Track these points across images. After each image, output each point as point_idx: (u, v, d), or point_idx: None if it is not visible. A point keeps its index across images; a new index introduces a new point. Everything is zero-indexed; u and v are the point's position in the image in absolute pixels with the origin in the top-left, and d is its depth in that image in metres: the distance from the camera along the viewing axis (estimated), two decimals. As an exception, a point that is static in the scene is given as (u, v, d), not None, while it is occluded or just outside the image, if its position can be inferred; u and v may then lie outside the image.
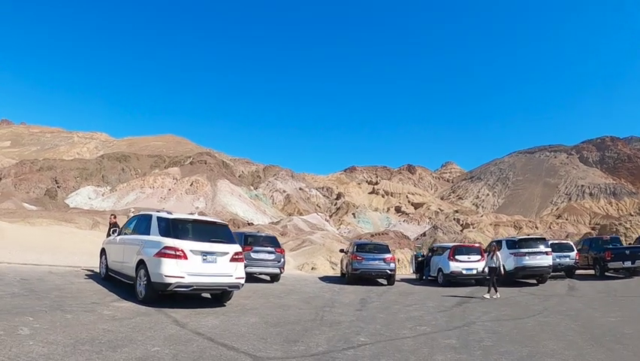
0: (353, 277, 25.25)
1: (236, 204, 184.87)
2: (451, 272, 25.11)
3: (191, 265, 12.30)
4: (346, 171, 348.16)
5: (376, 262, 25.39)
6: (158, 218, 13.62)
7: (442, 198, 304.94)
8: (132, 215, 17.97)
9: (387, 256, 25.86)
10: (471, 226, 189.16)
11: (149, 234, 13.43)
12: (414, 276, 32.02)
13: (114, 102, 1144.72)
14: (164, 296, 12.62)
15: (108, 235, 18.12)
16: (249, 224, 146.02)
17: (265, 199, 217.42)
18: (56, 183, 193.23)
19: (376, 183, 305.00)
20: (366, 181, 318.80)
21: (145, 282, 12.53)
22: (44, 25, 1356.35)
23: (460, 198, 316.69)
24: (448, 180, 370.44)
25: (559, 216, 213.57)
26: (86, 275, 17.44)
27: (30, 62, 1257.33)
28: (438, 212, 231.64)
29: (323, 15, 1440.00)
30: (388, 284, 25.28)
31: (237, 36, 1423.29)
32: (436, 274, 26.60)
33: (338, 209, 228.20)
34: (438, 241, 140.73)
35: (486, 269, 21.14)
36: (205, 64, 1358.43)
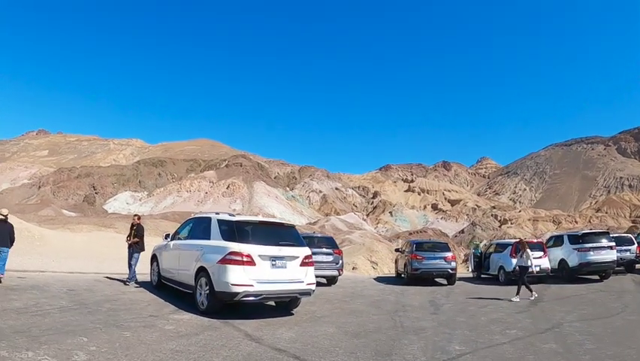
0: (413, 277, 24.00)
1: (273, 206, 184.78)
2: (514, 270, 23.40)
3: (260, 272, 11.17)
4: (381, 170, 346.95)
5: (437, 261, 24.08)
6: (219, 221, 12.44)
7: (478, 195, 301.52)
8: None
9: (448, 254, 24.57)
10: (509, 222, 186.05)
11: (209, 238, 12.27)
12: (470, 274, 30.40)
13: (148, 109, 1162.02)
14: (225, 305, 11.49)
15: (129, 237, 16.81)
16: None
17: (301, 200, 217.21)
18: (94, 189, 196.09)
19: (412, 181, 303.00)
20: (402, 179, 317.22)
21: (207, 291, 11.40)
22: (78, 37, 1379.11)
23: (496, 193, 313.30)
24: (484, 176, 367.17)
25: (598, 210, 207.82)
26: (136, 284, 16.33)
27: (65, 72, 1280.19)
28: (475, 208, 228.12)
29: (356, 15, 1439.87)
30: (449, 284, 23.94)
31: (269, 39, 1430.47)
32: (496, 272, 25.32)
33: (375, 208, 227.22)
34: (477, 238, 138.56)
35: (548, 266, 20.70)
36: (236, 67, 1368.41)
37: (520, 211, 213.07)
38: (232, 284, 10.81)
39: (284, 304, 13.01)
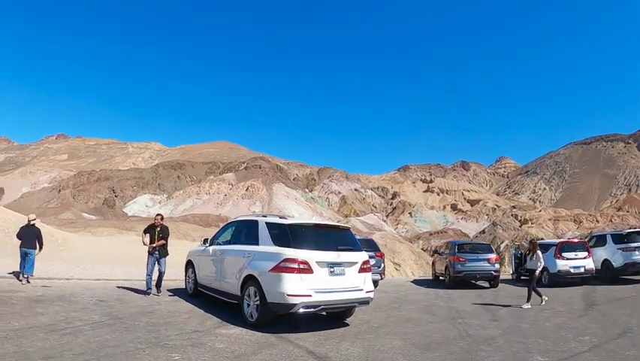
0: (455, 280, 23.04)
1: (293, 208, 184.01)
2: (558, 271, 22.89)
3: (318, 280, 10.07)
4: (400, 170, 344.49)
5: (480, 263, 23.02)
6: (269, 224, 11.26)
7: (497, 194, 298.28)
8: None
9: (492, 256, 23.63)
10: (529, 222, 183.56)
11: (256, 243, 11.12)
12: (507, 276, 29.37)
13: (166, 112, 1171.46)
14: (276, 317, 10.36)
15: (152, 239, 14.25)
16: None
17: (321, 201, 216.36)
18: (114, 192, 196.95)
19: (431, 182, 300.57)
20: (421, 180, 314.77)
21: (257, 302, 10.28)
22: (96, 43, 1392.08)
23: (516, 193, 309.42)
24: (503, 176, 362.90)
25: (619, 209, 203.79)
26: (169, 292, 15.17)
27: (84, 78, 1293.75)
28: (495, 208, 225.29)
29: (372, 17, 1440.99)
30: (492, 287, 22.93)
31: (287, 40, 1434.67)
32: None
33: (394, 209, 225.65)
34: (498, 239, 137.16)
35: (592, 267, 20.09)
36: (253, 69, 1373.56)
37: (540, 211, 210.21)
38: (288, 295, 9.71)
39: (336, 314, 11.83)
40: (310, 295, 9.81)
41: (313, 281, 9.95)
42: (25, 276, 14.59)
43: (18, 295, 11.83)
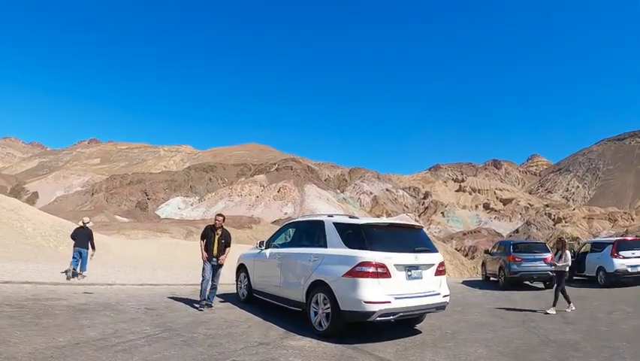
0: (511, 280, 22.00)
1: (325, 209, 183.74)
2: (616, 271, 21.73)
3: (396, 285, 9.07)
4: (431, 170, 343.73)
5: (537, 263, 21.73)
6: (338, 224, 10.23)
7: (530, 193, 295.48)
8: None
9: (548, 255, 21.93)
10: (563, 220, 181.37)
11: (324, 246, 10.11)
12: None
13: (196, 116, 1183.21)
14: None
15: (204, 237, 12.18)
16: None
17: (353, 202, 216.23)
18: (146, 195, 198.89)
19: (462, 181, 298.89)
20: (452, 179, 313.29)
21: (327, 310, 9.30)
22: (126, 50, 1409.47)
23: (548, 191, 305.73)
24: (535, 174, 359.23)
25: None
26: (219, 297, 14.09)
27: (115, 83, 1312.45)
28: (528, 207, 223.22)
29: (405, 15, 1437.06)
30: (547, 288, 21.50)
31: (317, 42, 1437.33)
32: (594, 274, 23.22)
33: (426, 208, 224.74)
34: (533, 238, 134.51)
35: None
36: (283, 72, 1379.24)
37: (574, 209, 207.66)
38: (365, 302, 8.72)
39: (406, 320, 10.62)
40: (389, 302, 8.85)
41: (391, 286, 8.99)
42: (79, 273, 16.09)
43: (60, 303, 10.78)
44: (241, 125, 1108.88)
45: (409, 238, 10.22)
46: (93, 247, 16.94)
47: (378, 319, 8.90)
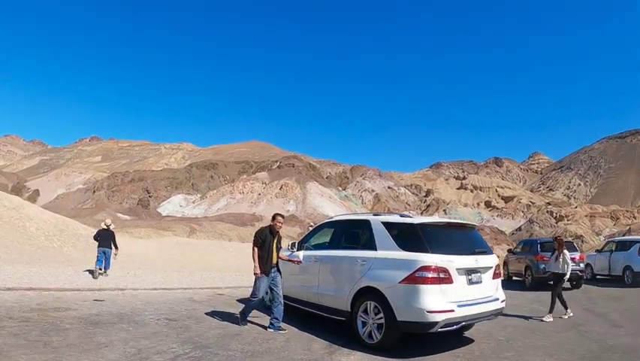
0: (539, 280, 21.16)
1: (327, 206, 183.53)
2: None
3: (458, 291, 8.22)
4: (432, 168, 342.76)
5: None
6: (389, 224, 9.14)
7: (531, 191, 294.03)
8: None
9: (576, 254, 21.45)
10: (565, 219, 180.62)
11: (372, 248, 9.02)
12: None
13: (197, 113, 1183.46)
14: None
15: (261, 243, 10.40)
16: (313, 224, 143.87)
17: (355, 199, 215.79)
18: (148, 193, 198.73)
19: (464, 178, 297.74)
20: (453, 177, 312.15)
21: (380, 320, 8.37)
22: (124, 49, 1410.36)
23: (550, 189, 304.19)
24: (536, 172, 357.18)
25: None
26: (238, 302, 12.99)
27: (115, 80, 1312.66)
28: (530, 205, 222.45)
29: (407, 13, 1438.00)
30: (574, 288, 20.92)
31: (315, 41, 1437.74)
32: (621, 273, 22.59)
33: (428, 206, 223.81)
34: (535, 236, 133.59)
35: None
36: (282, 69, 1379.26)
37: (576, 207, 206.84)
38: (428, 311, 7.82)
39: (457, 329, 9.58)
40: (452, 310, 7.97)
41: (453, 293, 8.12)
42: (102, 271, 16.66)
43: (69, 314, 9.45)
44: (242, 123, 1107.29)
45: (465, 239, 9.34)
46: (116, 247, 17.61)
47: (440, 330, 7.99)
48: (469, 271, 8.50)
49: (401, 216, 9.55)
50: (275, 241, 10.04)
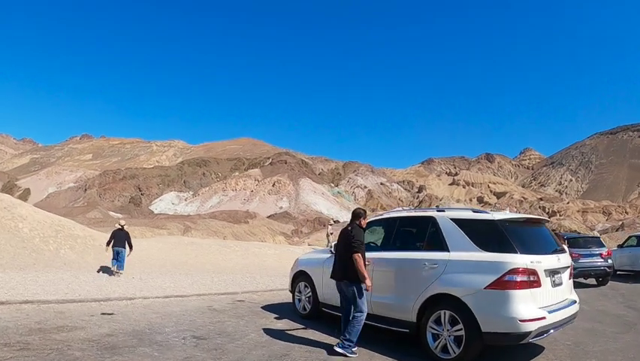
0: None
1: (320, 202, 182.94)
2: None
3: (545, 295, 7.27)
4: (424, 164, 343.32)
5: (594, 258, 20.29)
6: (460, 221, 7.92)
7: (523, 186, 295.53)
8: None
9: (604, 250, 20.90)
10: (557, 214, 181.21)
11: (442, 249, 7.79)
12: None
13: (188, 110, 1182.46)
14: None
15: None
16: (334, 222, 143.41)
17: (347, 196, 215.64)
18: (140, 190, 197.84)
19: (456, 174, 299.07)
20: (445, 172, 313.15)
21: (458, 332, 7.15)
22: (115, 45, 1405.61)
23: (542, 185, 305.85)
24: (527, 167, 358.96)
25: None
26: (264, 309, 11.65)
27: (106, 78, 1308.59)
28: (522, 201, 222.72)
29: (401, 11, 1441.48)
30: (600, 284, 20.34)
31: (306, 36, 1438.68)
32: None
33: (421, 202, 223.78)
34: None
35: None
36: (275, 66, 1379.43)
37: (568, 203, 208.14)
38: (521, 320, 6.78)
39: None
40: (544, 318, 6.99)
41: (541, 297, 7.20)
42: (117, 271, 16.80)
43: (77, 336, 7.75)
44: (233, 120, 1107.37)
45: (542, 236, 8.28)
46: (131, 247, 17.79)
47: (533, 340, 7.09)
48: (553, 272, 7.52)
49: (474, 211, 8.18)
50: (353, 235, 8.17)
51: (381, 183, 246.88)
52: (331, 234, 28.63)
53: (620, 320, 11.53)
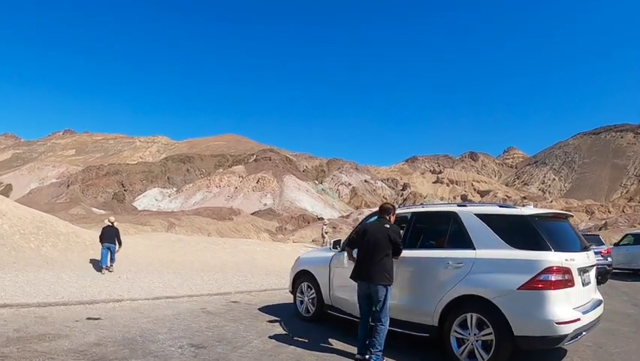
0: None
1: (304, 200, 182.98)
2: None
3: (577, 295, 6.82)
4: (408, 162, 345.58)
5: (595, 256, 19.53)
6: (486, 217, 7.35)
7: (507, 185, 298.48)
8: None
9: (604, 248, 21.19)
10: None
11: (467, 246, 7.19)
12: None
13: (172, 106, 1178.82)
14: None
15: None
16: (319, 219, 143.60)
17: (332, 193, 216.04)
18: (123, 186, 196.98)
19: (440, 172, 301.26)
20: (429, 170, 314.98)
21: (487, 337, 6.58)
22: (99, 40, 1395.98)
23: (525, 184, 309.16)
24: (511, 166, 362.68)
25: (630, 200, 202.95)
26: (262, 311, 11.13)
27: (88, 73, 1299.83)
28: (505, 199, 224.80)
29: (388, 9, 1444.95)
30: (600, 283, 19.59)
31: (291, 35, 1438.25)
32: None
33: (405, 200, 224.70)
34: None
35: None
36: (257, 63, 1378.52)
37: (551, 202, 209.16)
38: (557, 323, 6.28)
39: None
40: (579, 319, 6.53)
41: (575, 297, 6.76)
42: (108, 267, 16.78)
43: (60, 346, 6.88)
44: (217, 116, 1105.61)
45: (570, 232, 7.77)
46: (120, 243, 17.63)
47: (568, 343, 6.68)
48: (583, 271, 7.08)
49: (501, 206, 7.65)
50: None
51: (366, 181, 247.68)
52: (327, 233, 28.01)
53: (631, 318, 11.45)
